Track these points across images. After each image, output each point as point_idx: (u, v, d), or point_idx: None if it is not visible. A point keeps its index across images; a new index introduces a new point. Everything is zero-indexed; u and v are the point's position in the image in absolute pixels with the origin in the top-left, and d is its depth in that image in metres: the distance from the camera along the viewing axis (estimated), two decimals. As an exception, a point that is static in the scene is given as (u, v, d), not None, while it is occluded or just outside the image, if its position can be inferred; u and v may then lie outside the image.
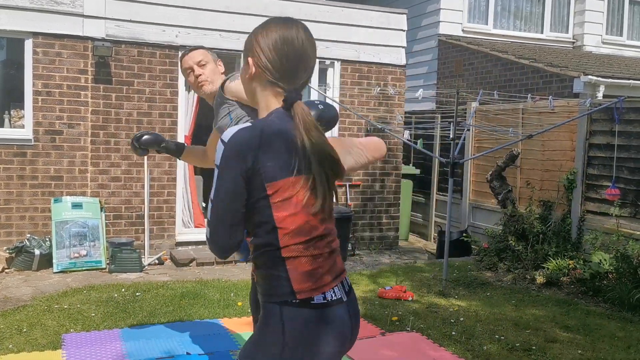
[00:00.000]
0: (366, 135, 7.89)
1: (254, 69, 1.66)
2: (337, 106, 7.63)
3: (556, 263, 6.20)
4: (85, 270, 6.21)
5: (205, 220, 1.57)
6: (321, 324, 1.56)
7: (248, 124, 1.63)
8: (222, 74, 3.20)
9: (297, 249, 1.57)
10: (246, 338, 4.28)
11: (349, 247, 7.37)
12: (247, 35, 1.76)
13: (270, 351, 1.55)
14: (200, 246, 7.11)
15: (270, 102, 1.67)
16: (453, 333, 4.53)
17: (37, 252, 6.13)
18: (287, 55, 1.63)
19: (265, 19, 5.43)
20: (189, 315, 4.78)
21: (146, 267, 6.37)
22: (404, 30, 8.03)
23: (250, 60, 1.68)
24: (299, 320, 1.54)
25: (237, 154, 1.56)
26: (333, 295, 1.59)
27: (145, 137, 3.17)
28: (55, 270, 6.10)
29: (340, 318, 1.60)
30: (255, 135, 1.57)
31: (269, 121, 1.61)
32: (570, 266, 6.11)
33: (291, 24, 1.67)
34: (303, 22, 1.75)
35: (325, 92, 7.55)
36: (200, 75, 3.10)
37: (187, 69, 3.14)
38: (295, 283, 1.55)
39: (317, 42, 1.74)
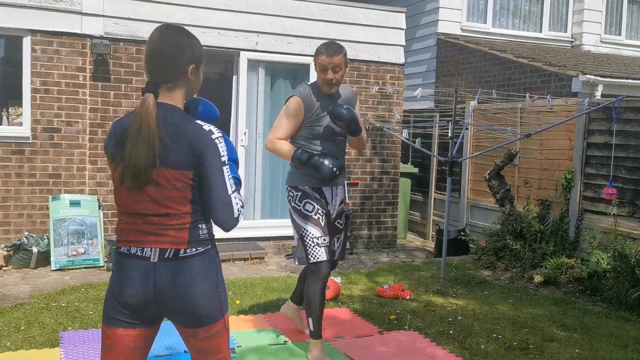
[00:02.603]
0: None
1: None
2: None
3: (554, 262, 6.21)
4: (83, 268, 6.21)
5: None
6: (120, 266, 2.08)
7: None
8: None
9: (119, 214, 2.10)
10: (245, 336, 4.29)
11: (347, 245, 7.37)
12: (247, 33, 1.86)
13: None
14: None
15: None
16: (451, 332, 4.54)
17: (35, 249, 6.13)
18: (146, 54, 2.08)
19: (265, 17, 5.62)
20: (187, 313, 4.77)
21: (144, 265, 6.36)
22: (402, 29, 8.03)
23: None
24: (114, 260, 2.11)
25: (107, 139, 2.11)
26: (138, 252, 2.03)
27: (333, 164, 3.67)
28: (53, 268, 6.10)
29: (137, 268, 2.03)
30: (112, 128, 2.09)
31: (127, 115, 2.08)
32: (568, 265, 6.11)
33: (156, 29, 2.09)
34: (302, 20, 1.81)
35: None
36: (332, 79, 3.65)
37: (323, 66, 3.63)
38: (117, 236, 2.11)
39: (316, 40, 1.78)
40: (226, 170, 2.05)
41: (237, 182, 2.16)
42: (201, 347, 2.13)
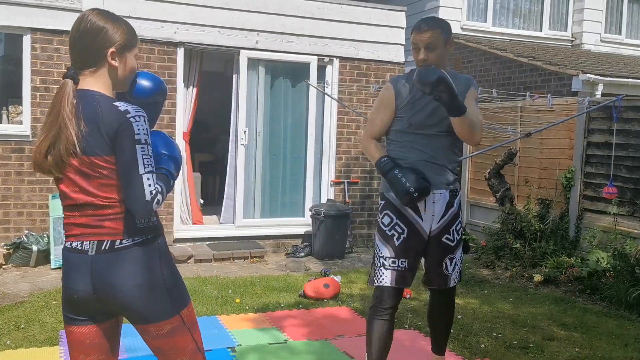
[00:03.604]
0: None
1: None
2: (335, 103, 7.63)
3: (554, 261, 6.21)
4: (83, 266, 6.20)
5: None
6: (65, 262, 2.07)
7: None
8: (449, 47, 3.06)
9: (63, 209, 2.07)
10: (244, 335, 4.28)
11: (347, 244, 7.37)
12: (247, 31, 1.83)
13: None
14: (198, 243, 7.11)
15: None
16: (451, 330, 4.53)
17: (34, 248, 6.13)
18: (69, 39, 2.07)
19: (265, 15, 5.60)
20: (187, 312, 4.77)
21: (144, 264, 6.36)
22: (403, 28, 8.02)
23: None
24: (62, 256, 2.11)
25: None
26: (78, 245, 2.01)
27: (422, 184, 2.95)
28: (53, 266, 6.09)
29: (77, 263, 2.01)
30: None
31: None
32: (567, 264, 6.11)
33: (80, 14, 2.06)
34: (302, 18, 1.79)
35: (324, 89, 7.55)
36: (424, 59, 3.00)
37: (414, 45, 3.04)
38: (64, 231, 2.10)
39: (316, 39, 1.77)
40: (140, 149, 1.92)
41: (168, 174, 2.09)
42: (159, 346, 2.09)
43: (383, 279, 3.07)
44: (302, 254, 7.17)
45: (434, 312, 3.41)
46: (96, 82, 2.01)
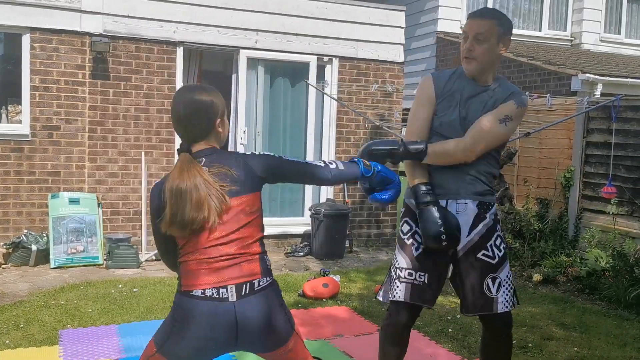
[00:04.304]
0: (364, 133, 7.89)
1: None
2: (334, 103, 7.63)
3: (553, 261, 6.21)
4: (82, 266, 6.21)
5: None
6: (191, 311, 2.00)
7: None
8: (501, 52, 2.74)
9: (186, 254, 2.07)
10: (243, 334, 4.28)
11: (347, 244, 7.37)
12: (246, 31, 1.85)
13: (165, 325, 2.09)
14: (198, 242, 7.10)
15: None
16: (449, 330, 4.54)
17: (34, 247, 6.13)
18: (173, 119, 2.18)
19: (264, 15, 5.63)
20: (186, 311, 4.77)
21: (143, 263, 6.36)
22: (402, 28, 8.02)
23: None
24: (180, 304, 2.03)
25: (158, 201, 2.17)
26: (214, 293, 1.99)
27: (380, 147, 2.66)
28: (52, 265, 6.10)
29: (215, 312, 1.97)
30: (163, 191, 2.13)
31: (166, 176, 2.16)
32: (567, 264, 6.12)
33: (178, 95, 2.19)
34: (302, 18, 1.80)
35: (324, 89, 7.55)
36: (470, 50, 2.67)
37: (464, 34, 2.73)
38: (182, 279, 2.06)
39: (315, 39, 1.78)
40: (284, 156, 2.22)
41: (358, 162, 2.42)
42: (288, 359, 2.19)
43: (397, 293, 2.75)
44: (302, 254, 7.17)
45: (487, 345, 2.90)
46: (208, 144, 2.19)
